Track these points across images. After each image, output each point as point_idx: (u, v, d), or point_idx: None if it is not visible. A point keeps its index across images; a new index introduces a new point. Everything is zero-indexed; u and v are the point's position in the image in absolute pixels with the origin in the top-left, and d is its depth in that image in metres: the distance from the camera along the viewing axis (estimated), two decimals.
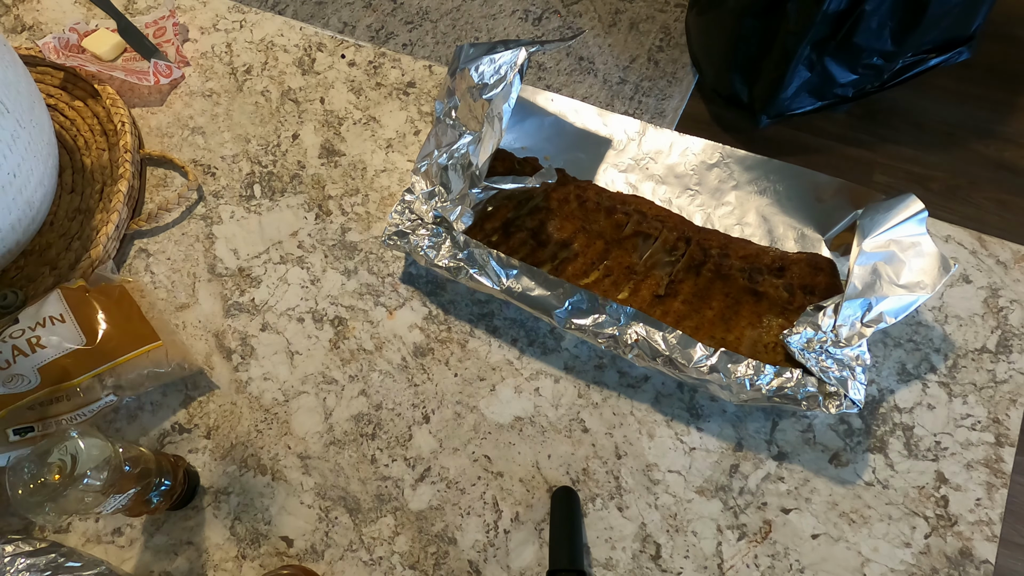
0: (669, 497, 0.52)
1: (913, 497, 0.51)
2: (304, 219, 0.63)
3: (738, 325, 0.54)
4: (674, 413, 0.55)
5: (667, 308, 0.55)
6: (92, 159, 0.66)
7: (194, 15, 0.73)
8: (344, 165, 0.65)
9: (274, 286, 0.61)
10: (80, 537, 0.54)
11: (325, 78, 0.69)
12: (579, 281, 0.56)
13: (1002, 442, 0.52)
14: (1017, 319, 0.56)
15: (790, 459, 0.53)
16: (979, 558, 0.50)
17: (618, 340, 0.52)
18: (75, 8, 0.75)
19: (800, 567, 0.50)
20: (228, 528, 0.54)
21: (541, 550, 0.52)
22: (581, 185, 0.60)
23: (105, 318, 0.55)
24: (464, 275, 0.55)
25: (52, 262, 0.61)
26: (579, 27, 1.67)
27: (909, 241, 0.51)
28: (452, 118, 0.56)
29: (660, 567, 0.51)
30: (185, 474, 0.53)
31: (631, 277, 0.57)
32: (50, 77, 0.70)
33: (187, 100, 0.69)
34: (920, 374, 0.55)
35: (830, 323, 0.50)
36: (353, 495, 0.54)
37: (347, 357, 0.58)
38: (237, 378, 0.58)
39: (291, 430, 0.56)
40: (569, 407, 0.55)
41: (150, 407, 0.58)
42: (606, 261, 0.57)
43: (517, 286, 0.53)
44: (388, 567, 0.52)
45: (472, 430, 0.55)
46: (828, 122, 1.47)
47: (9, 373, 0.51)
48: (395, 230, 0.57)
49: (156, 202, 0.65)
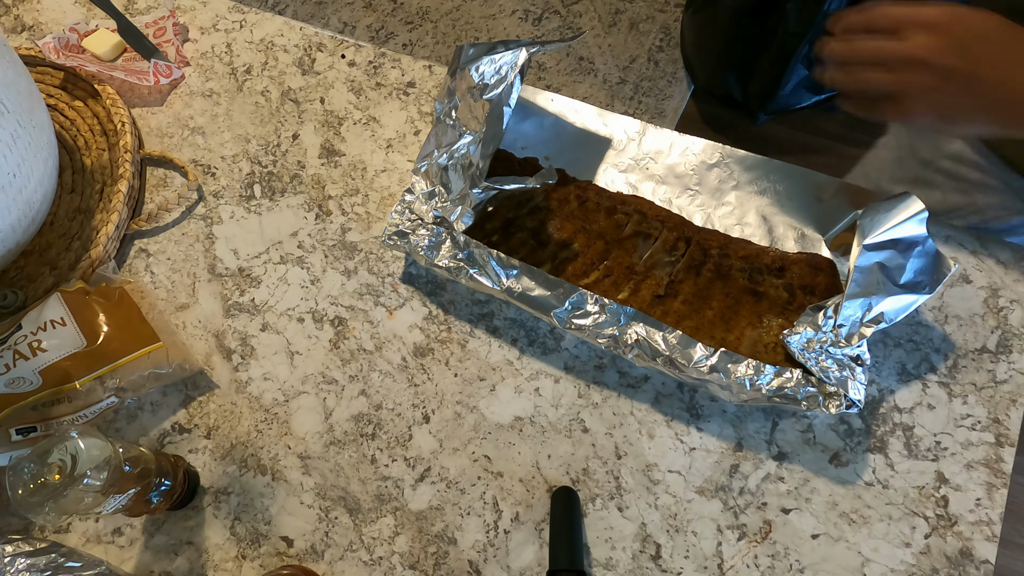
0: (669, 497, 0.52)
1: (913, 497, 0.51)
2: (304, 219, 0.63)
3: (738, 325, 0.54)
4: (674, 413, 0.55)
5: (667, 308, 0.55)
6: (92, 159, 0.66)
7: (194, 15, 0.73)
8: (344, 165, 0.65)
9: (274, 286, 0.61)
10: (80, 537, 0.54)
11: (325, 78, 0.69)
12: (579, 281, 0.56)
13: (1002, 442, 0.52)
14: (1017, 319, 0.56)
15: (790, 459, 0.53)
16: (979, 558, 0.50)
17: (618, 340, 0.52)
18: (75, 8, 0.75)
19: (800, 567, 0.50)
20: (228, 528, 0.54)
21: (541, 550, 0.52)
22: (581, 185, 0.60)
23: (106, 320, 0.55)
24: (464, 275, 0.55)
25: (52, 262, 0.61)
26: (579, 27, 1.67)
27: (909, 241, 0.51)
28: (452, 118, 0.56)
29: (660, 567, 0.51)
30: (185, 474, 0.53)
31: (631, 277, 0.57)
32: (50, 77, 0.70)
33: (187, 100, 0.69)
34: (920, 374, 0.55)
35: (830, 323, 0.50)
36: (353, 495, 0.54)
37: (347, 357, 0.58)
38: (237, 378, 0.58)
39: (291, 430, 0.56)
40: (569, 407, 0.55)
41: (150, 407, 0.58)
42: (606, 261, 0.57)
43: (517, 286, 0.53)
44: (388, 567, 0.52)
45: (472, 430, 0.55)
46: (828, 122, 1.47)
47: (10, 376, 0.51)
48: (395, 230, 0.57)
49: (156, 202, 0.65)
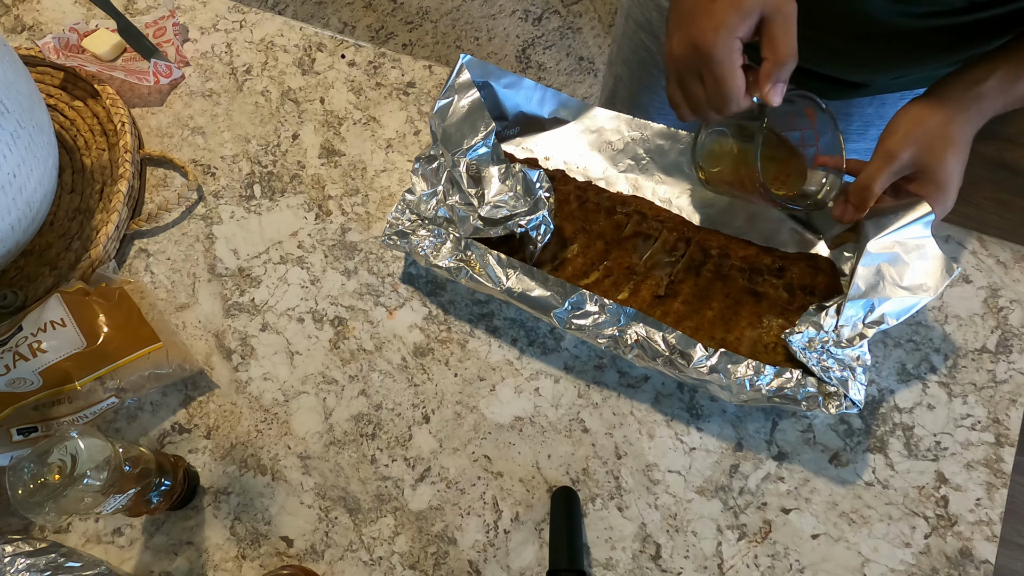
0: (669, 497, 0.53)
1: (913, 497, 0.51)
2: (304, 219, 0.64)
3: (738, 326, 0.54)
4: (674, 413, 0.55)
5: (667, 308, 0.55)
6: (92, 159, 0.66)
7: (194, 15, 0.73)
8: (344, 165, 0.65)
9: (274, 286, 0.61)
10: (80, 537, 0.54)
11: (325, 78, 0.69)
12: (579, 281, 0.56)
13: (1002, 442, 0.52)
14: (1017, 319, 0.56)
15: (790, 459, 0.53)
16: (979, 558, 0.50)
17: (618, 340, 0.52)
18: (75, 8, 0.75)
19: (800, 567, 0.50)
20: (228, 528, 0.54)
21: (541, 550, 0.52)
22: (581, 185, 0.60)
23: (106, 320, 0.55)
24: (464, 275, 0.55)
25: (52, 262, 0.61)
26: (579, 27, 1.67)
27: (914, 243, 0.51)
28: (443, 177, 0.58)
29: (660, 567, 0.51)
30: (185, 474, 0.53)
31: (631, 278, 0.57)
32: (50, 77, 0.70)
33: (187, 100, 0.69)
34: (920, 374, 0.55)
35: (832, 323, 0.50)
36: (353, 495, 0.54)
37: (347, 357, 0.58)
38: (237, 378, 0.58)
39: (291, 430, 0.56)
40: (569, 407, 0.55)
41: (150, 407, 0.58)
42: (606, 261, 0.57)
43: (517, 286, 0.53)
44: (388, 567, 0.52)
45: (472, 430, 0.55)
46: None
47: (10, 377, 0.52)
48: (395, 230, 0.57)
49: (156, 202, 0.65)
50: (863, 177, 0.51)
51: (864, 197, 0.51)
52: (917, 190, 0.51)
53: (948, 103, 0.49)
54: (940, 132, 0.49)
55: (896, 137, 0.50)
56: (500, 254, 0.54)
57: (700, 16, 0.45)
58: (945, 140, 0.49)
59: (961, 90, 0.49)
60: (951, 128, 0.49)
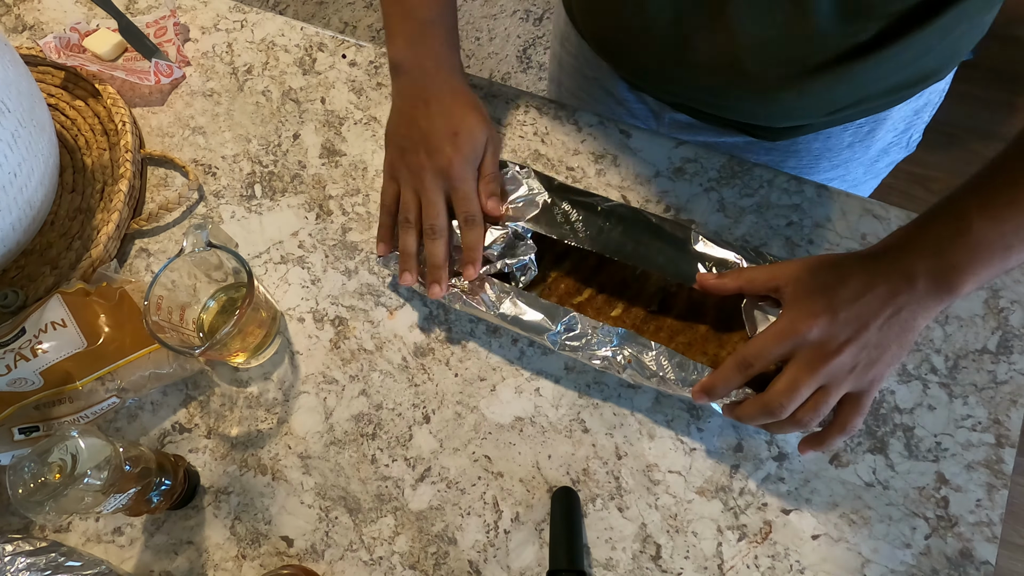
0: (669, 497, 0.53)
1: (913, 498, 0.51)
2: (305, 219, 0.64)
3: (731, 340, 0.54)
4: (674, 414, 0.55)
5: (660, 323, 0.55)
6: (93, 159, 0.66)
7: (195, 15, 0.73)
8: (345, 165, 0.65)
9: (275, 286, 0.61)
10: (80, 536, 0.54)
11: (326, 78, 0.69)
12: (573, 298, 0.56)
13: (1002, 443, 0.52)
14: (1017, 320, 0.56)
15: (790, 459, 0.53)
16: (979, 559, 0.50)
17: (611, 361, 0.52)
18: (76, 8, 0.75)
19: (800, 568, 0.50)
20: (228, 528, 0.54)
21: (541, 550, 0.52)
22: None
23: (106, 320, 0.55)
24: (459, 301, 0.55)
25: (53, 262, 0.61)
26: None
27: None
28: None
29: (660, 567, 0.51)
30: (185, 474, 0.53)
31: (624, 292, 0.56)
32: (51, 77, 0.70)
33: (188, 100, 0.69)
34: (920, 375, 0.55)
35: None
36: (353, 495, 0.54)
37: (347, 357, 0.58)
38: (237, 378, 0.58)
39: (291, 430, 0.56)
40: (569, 407, 0.55)
41: (150, 406, 0.58)
42: (599, 277, 0.57)
43: (510, 311, 0.53)
44: (388, 567, 0.52)
45: (472, 430, 0.55)
46: None
47: (11, 377, 0.52)
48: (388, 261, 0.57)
49: (157, 202, 0.65)
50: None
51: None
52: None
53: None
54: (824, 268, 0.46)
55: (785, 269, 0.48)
56: (494, 279, 0.55)
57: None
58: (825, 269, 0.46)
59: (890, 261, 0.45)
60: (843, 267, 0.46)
